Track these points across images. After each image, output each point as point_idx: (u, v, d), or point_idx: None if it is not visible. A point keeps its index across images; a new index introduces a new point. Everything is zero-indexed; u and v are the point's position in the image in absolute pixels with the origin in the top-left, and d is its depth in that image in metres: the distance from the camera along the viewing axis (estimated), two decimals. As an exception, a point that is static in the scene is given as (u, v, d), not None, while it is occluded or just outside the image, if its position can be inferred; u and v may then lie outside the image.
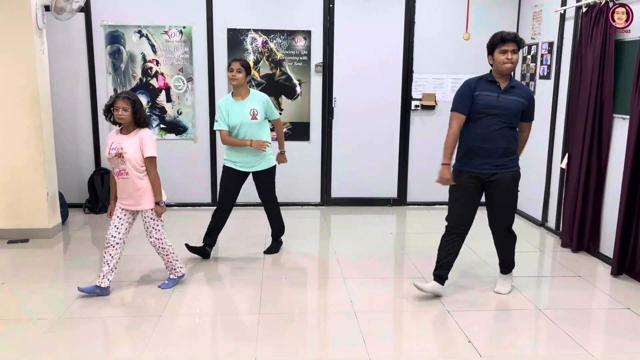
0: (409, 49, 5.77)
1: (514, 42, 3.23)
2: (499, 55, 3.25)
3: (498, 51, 3.26)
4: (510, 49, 3.23)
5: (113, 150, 3.43)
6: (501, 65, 3.26)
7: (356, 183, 6.00)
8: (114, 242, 3.52)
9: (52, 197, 4.83)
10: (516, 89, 3.36)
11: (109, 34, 5.53)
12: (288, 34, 5.66)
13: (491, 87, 3.33)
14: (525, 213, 5.63)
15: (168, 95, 5.68)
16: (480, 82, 3.37)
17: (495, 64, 3.30)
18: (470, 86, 3.36)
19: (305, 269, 4.15)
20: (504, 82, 3.34)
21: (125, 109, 3.39)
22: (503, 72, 3.29)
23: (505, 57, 3.24)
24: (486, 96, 3.31)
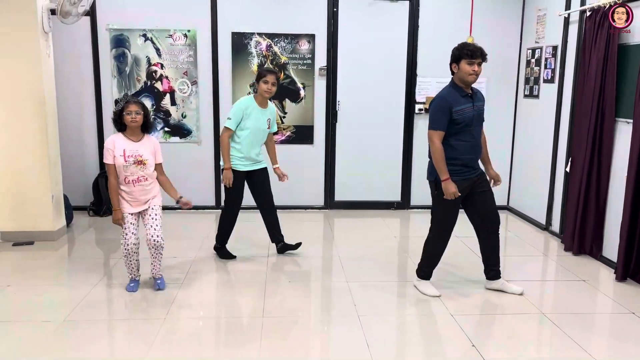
0: (413, 53, 5.78)
1: (480, 57, 3.37)
2: (466, 66, 3.35)
3: (465, 62, 3.35)
4: (477, 62, 3.34)
5: (131, 157, 3.45)
6: (467, 76, 3.37)
7: (360, 186, 6.01)
8: (135, 249, 3.60)
9: (57, 200, 4.85)
10: (477, 93, 3.52)
11: (114, 37, 5.56)
12: (292, 37, 5.67)
13: (466, 100, 3.41)
14: (529, 217, 5.62)
15: (172, 98, 5.70)
16: (454, 97, 3.40)
17: (461, 73, 3.39)
18: (448, 102, 3.38)
19: (309, 272, 4.15)
20: (469, 90, 3.46)
21: (138, 112, 3.46)
22: (468, 82, 3.40)
23: (471, 68, 3.34)
24: (465, 110, 3.39)
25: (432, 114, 3.43)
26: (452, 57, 3.44)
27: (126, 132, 3.53)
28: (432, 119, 3.41)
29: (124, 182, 3.51)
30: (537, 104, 5.48)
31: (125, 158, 3.45)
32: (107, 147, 3.47)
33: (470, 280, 3.94)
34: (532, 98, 5.57)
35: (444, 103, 3.38)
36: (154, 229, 3.58)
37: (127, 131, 3.52)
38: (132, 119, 3.44)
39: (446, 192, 3.38)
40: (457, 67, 3.40)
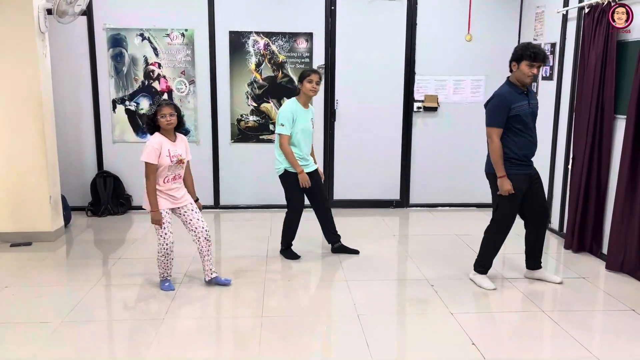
0: (411, 51, 5.77)
1: (542, 61, 3.43)
2: (526, 68, 3.41)
3: (526, 63, 3.41)
4: (537, 65, 3.41)
5: (174, 157, 3.51)
6: (525, 77, 3.44)
7: (359, 185, 6.00)
8: (172, 247, 3.63)
9: (55, 201, 4.84)
10: (531, 92, 3.59)
11: (111, 37, 5.55)
12: (290, 36, 5.66)
13: (522, 97, 3.50)
14: (528, 214, 5.62)
15: (170, 98, 5.69)
16: (512, 94, 3.49)
17: (519, 73, 3.46)
18: (507, 100, 3.47)
19: (309, 271, 4.15)
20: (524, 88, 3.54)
21: (172, 114, 3.50)
22: (525, 83, 3.48)
23: (531, 70, 3.42)
24: (523, 106, 3.48)
25: (491, 111, 3.51)
26: (513, 55, 3.50)
27: (162, 133, 3.55)
28: (491, 117, 3.50)
29: (163, 182, 3.54)
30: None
31: (171, 158, 3.50)
32: (154, 147, 3.46)
33: (471, 279, 3.93)
34: (530, 95, 5.56)
35: (503, 101, 3.47)
36: (199, 220, 3.65)
37: (163, 133, 3.54)
38: (168, 122, 3.48)
39: (501, 189, 3.51)
40: (516, 66, 3.47)
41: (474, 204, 6.06)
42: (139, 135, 5.72)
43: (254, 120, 5.77)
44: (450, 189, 6.01)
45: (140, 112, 5.67)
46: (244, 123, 5.78)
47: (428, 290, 3.73)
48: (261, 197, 5.90)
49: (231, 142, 5.79)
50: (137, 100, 5.67)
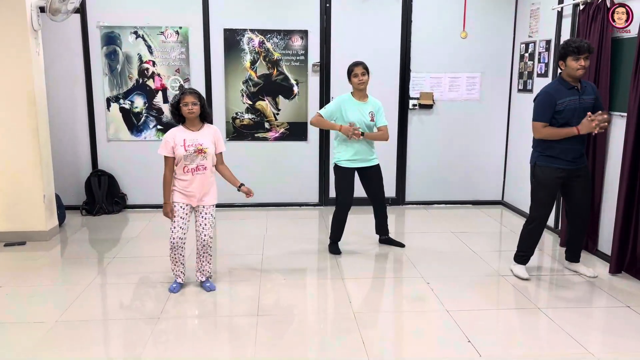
0: (406, 48, 5.77)
1: (587, 52, 3.48)
2: (573, 62, 3.49)
3: (572, 58, 3.49)
4: (583, 57, 3.47)
5: (191, 147, 3.45)
6: (575, 72, 3.51)
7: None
8: (182, 244, 3.58)
9: (49, 200, 4.81)
10: (586, 87, 3.61)
11: (105, 35, 5.52)
12: (285, 33, 5.65)
13: (571, 93, 3.56)
14: (524, 211, 5.62)
15: (165, 96, 5.67)
16: (559, 91, 3.57)
17: (568, 69, 3.55)
18: (552, 96, 3.56)
19: (304, 269, 4.14)
20: (578, 84, 3.59)
21: (194, 103, 3.44)
22: (577, 77, 3.54)
23: (578, 63, 3.48)
24: (569, 102, 3.54)
25: (537, 107, 3.62)
26: (558, 54, 3.59)
27: (185, 123, 3.53)
28: (536, 112, 3.61)
29: (183, 171, 3.50)
30: (531, 98, 5.47)
31: (186, 147, 3.45)
32: (166, 139, 3.47)
33: (466, 276, 3.94)
34: (526, 92, 5.57)
35: (547, 97, 3.57)
36: (204, 227, 3.60)
37: (186, 122, 3.52)
38: (190, 110, 3.43)
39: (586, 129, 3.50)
40: (564, 64, 3.55)
41: (469, 201, 6.07)
42: (134, 134, 5.70)
43: (249, 118, 5.76)
44: (446, 186, 6.02)
45: (134, 111, 5.65)
46: (239, 121, 5.77)
47: (424, 288, 3.74)
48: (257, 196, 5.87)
49: (226, 140, 5.78)
50: (132, 99, 5.65)
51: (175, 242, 3.55)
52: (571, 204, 3.83)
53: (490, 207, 6.04)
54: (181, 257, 3.63)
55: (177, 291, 3.64)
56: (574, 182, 3.73)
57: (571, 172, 3.69)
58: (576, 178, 3.72)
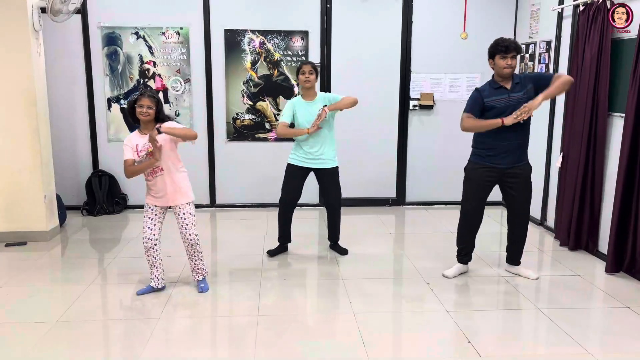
0: (407, 49, 5.77)
1: (515, 51, 3.53)
2: (500, 61, 3.55)
3: (499, 57, 3.54)
4: (509, 56, 3.52)
5: (142, 151, 3.42)
6: (502, 70, 3.56)
7: (354, 183, 5.99)
8: (152, 244, 3.55)
9: (49, 200, 4.82)
10: (520, 84, 3.62)
11: (106, 35, 5.53)
12: (285, 34, 5.65)
13: (499, 92, 3.60)
14: (524, 212, 5.63)
15: (165, 96, 5.67)
16: (488, 90, 3.64)
17: (496, 68, 3.59)
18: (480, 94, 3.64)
19: (304, 270, 4.14)
20: (508, 83, 3.61)
21: (150, 106, 3.39)
22: (504, 75, 3.55)
23: (505, 62, 3.54)
24: (497, 101, 3.58)
25: (467, 102, 3.69)
26: (488, 53, 3.64)
27: (140, 127, 3.48)
28: (466, 106, 3.68)
29: (145, 175, 3.49)
30: (531, 99, 5.48)
31: (138, 154, 3.43)
32: (125, 144, 3.45)
33: (466, 277, 3.94)
34: (526, 93, 5.57)
35: (476, 94, 3.67)
36: (185, 227, 3.56)
37: (141, 126, 3.47)
38: (144, 113, 3.38)
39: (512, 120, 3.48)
40: (493, 63, 3.61)
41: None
42: (134, 134, 5.70)
43: (249, 119, 5.76)
44: (447, 187, 6.02)
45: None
46: (239, 121, 5.77)
47: (424, 288, 3.74)
48: (257, 196, 5.89)
49: (227, 141, 5.78)
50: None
51: (145, 242, 3.53)
52: (508, 205, 3.85)
53: (490, 207, 6.00)
54: (155, 260, 3.58)
55: (140, 293, 3.58)
56: (509, 183, 3.72)
57: (503, 172, 3.68)
58: (512, 178, 3.70)
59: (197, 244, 3.62)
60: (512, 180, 3.71)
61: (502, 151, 3.64)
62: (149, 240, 3.53)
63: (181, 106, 5.70)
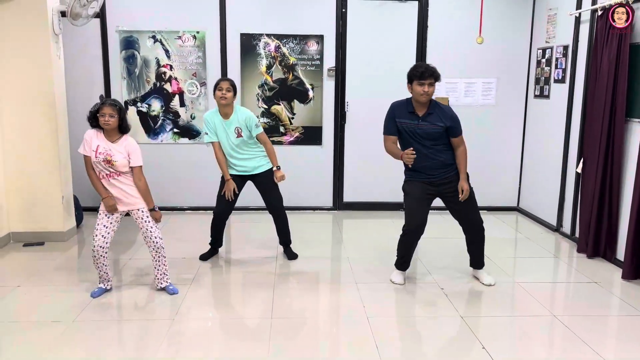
0: (422, 53, 5.76)
1: (432, 78, 3.49)
2: (417, 87, 3.51)
3: (416, 83, 3.50)
4: (427, 83, 3.47)
5: (100, 154, 3.40)
6: (418, 96, 3.53)
7: (368, 187, 5.99)
8: (103, 252, 3.52)
9: (67, 201, 4.87)
10: (434, 115, 3.59)
11: (124, 39, 5.59)
12: (301, 38, 5.67)
13: (410, 117, 3.61)
14: (539, 218, 5.57)
15: (181, 99, 5.72)
16: (401, 110, 3.65)
17: (413, 93, 3.57)
18: (393, 112, 3.66)
19: (318, 273, 4.14)
20: (422, 110, 3.59)
21: (112, 115, 3.37)
22: (421, 101, 3.55)
23: (422, 89, 3.49)
24: (407, 124, 3.62)
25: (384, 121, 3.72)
26: (407, 77, 3.61)
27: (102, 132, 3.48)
28: (384, 126, 3.73)
29: (99, 176, 3.48)
30: (547, 104, 5.44)
31: (96, 154, 3.40)
32: (85, 137, 3.44)
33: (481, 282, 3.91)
34: (542, 98, 5.53)
35: (390, 110, 3.69)
36: (149, 230, 3.54)
37: (103, 132, 3.47)
38: (105, 122, 3.37)
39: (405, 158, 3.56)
40: (410, 88, 3.58)
41: (484, 207, 6.01)
42: (150, 137, 5.75)
43: (264, 122, 5.79)
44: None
45: (151, 114, 5.71)
46: (254, 125, 5.79)
47: (438, 293, 3.71)
48: (271, 199, 5.90)
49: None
50: (149, 102, 5.71)
51: (95, 251, 3.49)
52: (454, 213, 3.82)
53: (505, 213, 5.99)
54: (103, 267, 3.57)
55: (96, 296, 3.58)
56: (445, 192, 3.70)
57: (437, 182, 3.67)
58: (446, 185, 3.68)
59: (163, 247, 3.60)
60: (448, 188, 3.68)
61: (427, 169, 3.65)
62: (101, 249, 3.49)
63: (197, 109, 5.74)
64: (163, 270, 3.66)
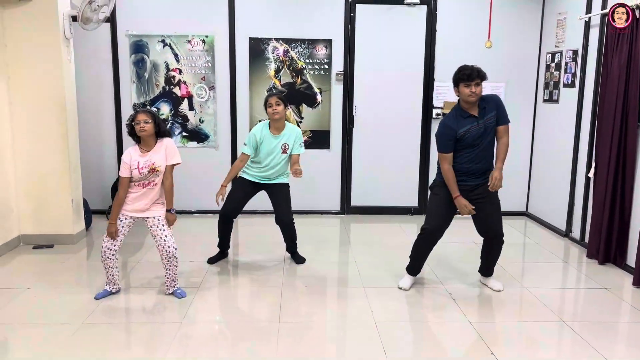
0: (430, 57, 5.76)
1: (478, 78, 3.48)
2: (465, 89, 3.49)
3: (463, 85, 3.49)
4: (474, 83, 3.47)
5: (144, 168, 3.46)
6: (467, 97, 3.50)
7: (376, 191, 5.99)
8: (110, 254, 3.55)
9: (76, 204, 4.91)
10: (485, 108, 3.58)
11: (134, 43, 5.63)
12: (309, 42, 5.69)
13: (469, 121, 3.55)
14: (548, 223, 5.54)
15: (190, 103, 5.75)
16: (457, 121, 3.58)
17: (461, 96, 3.55)
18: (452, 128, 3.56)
19: (325, 277, 4.14)
20: (474, 109, 3.57)
21: (147, 121, 3.44)
22: (470, 102, 3.53)
23: (469, 90, 3.48)
24: (470, 129, 3.55)
25: (438, 139, 3.63)
26: (452, 82, 3.59)
27: (140, 143, 3.54)
28: (438, 144, 3.63)
29: (134, 185, 3.51)
30: (557, 108, 5.42)
31: (140, 170, 3.46)
32: (124, 160, 3.48)
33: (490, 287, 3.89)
34: (551, 103, 5.50)
35: (446, 130, 3.58)
36: (164, 239, 3.56)
37: (141, 142, 3.53)
38: (141, 128, 3.43)
39: (462, 210, 3.60)
40: (457, 92, 3.57)
41: (493, 212, 5.98)
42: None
43: (272, 126, 5.80)
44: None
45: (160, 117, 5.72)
46: (262, 129, 5.81)
47: (446, 299, 3.70)
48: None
49: (250, 148, 5.82)
50: (158, 106, 5.75)
51: (104, 252, 3.52)
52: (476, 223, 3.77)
53: (514, 218, 5.96)
54: (111, 269, 3.58)
55: (99, 297, 3.60)
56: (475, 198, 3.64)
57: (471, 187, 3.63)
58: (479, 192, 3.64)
59: (176, 257, 3.62)
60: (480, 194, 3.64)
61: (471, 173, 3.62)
62: (108, 250, 3.52)
63: (205, 113, 5.77)
64: (173, 277, 3.67)
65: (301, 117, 5.81)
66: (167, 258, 3.59)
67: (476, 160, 3.59)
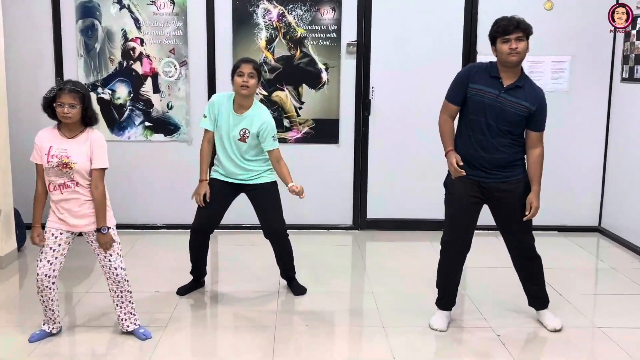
0: (472, 24, 5.77)
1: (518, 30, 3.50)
2: (502, 45, 3.53)
3: (500, 41, 3.54)
4: (513, 37, 3.49)
5: (54, 157, 3.39)
6: (507, 57, 3.52)
7: (400, 200, 5.99)
8: (49, 283, 3.52)
9: (6, 217, 4.93)
10: (523, 90, 3.59)
11: (81, 5, 5.67)
12: (311, 4, 5.72)
13: (492, 82, 3.61)
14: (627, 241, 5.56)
15: (155, 84, 5.79)
16: (480, 73, 3.65)
17: (499, 55, 3.59)
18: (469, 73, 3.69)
19: (333, 313, 4.16)
20: (510, 78, 3.59)
21: (73, 105, 3.36)
22: (510, 63, 3.55)
23: (508, 46, 3.50)
24: (483, 92, 3.61)
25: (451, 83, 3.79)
26: (489, 39, 3.66)
27: (61, 125, 3.49)
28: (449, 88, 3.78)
29: (49, 188, 3.49)
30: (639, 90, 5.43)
31: (49, 158, 3.40)
32: (35, 142, 3.47)
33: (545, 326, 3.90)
34: (632, 82, 5.51)
35: (462, 74, 3.74)
36: (107, 258, 3.55)
37: (61, 124, 3.49)
38: (65, 114, 3.36)
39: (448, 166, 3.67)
40: (495, 51, 3.62)
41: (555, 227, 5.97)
42: (115, 132, 5.81)
43: (263, 114, 5.83)
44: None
45: (116, 102, 5.77)
46: (250, 117, 5.84)
47: (492, 340, 3.71)
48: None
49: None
50: (113, 87, 5.78)
51: (40, 280, 3.48)
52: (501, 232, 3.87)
53: (582, 235, 5.95)
54: (50, 302, 3.55)
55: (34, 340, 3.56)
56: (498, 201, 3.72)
57: (490, 186, 3.68)
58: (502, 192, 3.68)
59: (127, 281, 3.60)
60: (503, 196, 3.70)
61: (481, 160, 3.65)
62: (46, 278, 3.48)
63: (175, 96, 5.80)
64: (128, 309, 3.67)
65: (301, 101, 5.83)
66: (115, 283, 3.59)
67: (488, 147, 3.62)
